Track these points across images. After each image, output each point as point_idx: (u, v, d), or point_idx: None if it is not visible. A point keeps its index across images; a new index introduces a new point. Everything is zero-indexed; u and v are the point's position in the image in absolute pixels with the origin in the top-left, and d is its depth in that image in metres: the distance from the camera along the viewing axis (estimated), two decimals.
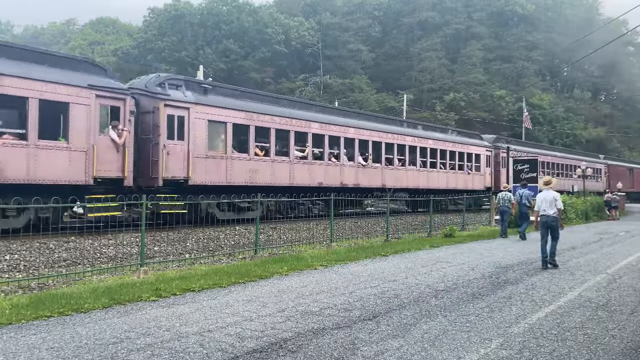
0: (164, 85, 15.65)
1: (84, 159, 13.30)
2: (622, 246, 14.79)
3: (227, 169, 16.92)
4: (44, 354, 4.89)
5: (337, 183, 20.94)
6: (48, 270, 9.46)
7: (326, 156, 20.82)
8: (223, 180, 16.74)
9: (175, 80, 16.38)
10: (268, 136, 18.41)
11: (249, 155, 17.78)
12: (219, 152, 16.82)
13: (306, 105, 22.00)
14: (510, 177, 25.17)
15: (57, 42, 78.41)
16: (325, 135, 20.78)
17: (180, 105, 15.71)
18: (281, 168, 18.68)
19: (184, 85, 16.36)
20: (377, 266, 10.37)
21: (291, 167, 19.10)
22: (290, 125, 19.18)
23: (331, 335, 5.56)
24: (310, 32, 68.17)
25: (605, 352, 5.18)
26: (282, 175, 18.69)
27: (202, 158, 16.17)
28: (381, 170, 23.47)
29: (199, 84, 17.45)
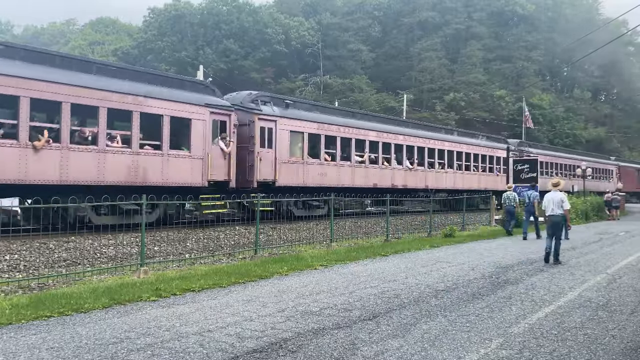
0: (257, 102, 18.34)
1: (201, 165, 15.80)
2: (622, 246, 14.79)
3: (303, 172, 19.48)
4: (44, 354, 4.90)
5: (388, 184, 23.42)
6: (48, 270, 9.46)
7: (380, 160, 23.25)
8: (300, 182, 19.24)
9: (265, 97, 19.21)
10: (335, 143, 20.98)
11: (320, 160, 20.31)
12: (298, 157, 19.38)
13: (364, 116, 24.82)
14: (510, 177, 25.37)
15: (57, 42, 78.46)
16: (380, 142, 23.29)
17: (269, 118, 18.29)
18: (344, 171, 21.27)
19: (271, 101, 19.06)
20: (377, 266, 10.37)
21: (352, 170, 21.62)
22: (352, 134, 21.76)
23: (331, 335, 5.56)
24: (310, 32, 68.14)
25: (605, 352, 5.18)
26: (345, 177, 21.22)
27: (285, 163, 18.71)
28: (424, 172, 25.98)
29: (282, 99, 20.21)
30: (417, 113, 58.38)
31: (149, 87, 14.62)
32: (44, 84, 12.19)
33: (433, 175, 26.38)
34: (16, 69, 11.82)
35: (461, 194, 24.40)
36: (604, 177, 44.71)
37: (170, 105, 14.95)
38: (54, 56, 13.50)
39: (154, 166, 14.43)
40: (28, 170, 11.90)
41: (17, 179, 11.72)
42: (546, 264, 10.98)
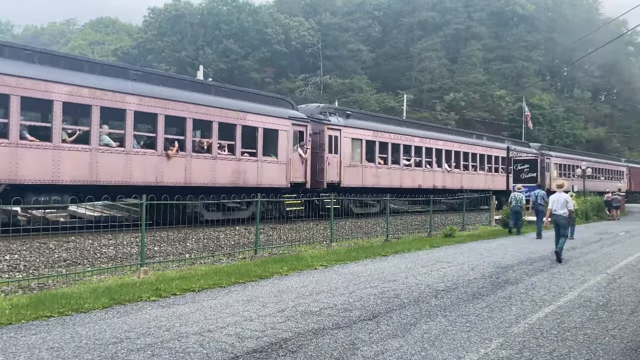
0: (325, 113, 21.25)
1: (285, 169, 18.49)
2: (622, 246, 14.79)
3: (362, 174, 22.17)
4: (44, 354, 4.90)
5: (431, 185, 26.14)
6: (48, 270, 9.46)
7: (424, 163, 26.01)
8: (359, 183, 21.96)
9: (330, 108, 22.29)
10: (387, 149, 23.67)
11: (375, 164, 22.95)
12: (357, 162, 21.99)
13: (409, 123, 27.98)
14: (510, 178, 25.49)
15: (57, 42, 78.47)
16: (423, 147, 26.04)
17: (335, 127, 21.10)
18: (394, 173, 23.98)
19: (336, 112, 22.01)
20: (377, 266, 10.37)
21: (401, 172, 24.34)
22: (400, 140, 24.48)
23: (331, 335, 5.56)
24: (310, 32, 68.15)
25: (605, 352, 5.18)
26: (395, 179, 23.93)
27: (348, 167, 21.43)
28: (460, 174, 28.77)
29: (344, 111, 23.06)
30: (417, 113, 58.39)
31: (247, 104, 17.54)
32: (175, 103, 15.03)
33: (467, 177, 29.16)
34: (156, 92, 14.74)
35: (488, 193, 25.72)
36: (615, 177, 47.83)
37: (263, 119, 17.76)
38: (184, 81, 16.78)
39: (251, 170, 17.33)
40: (164, 174, 14.68)
41: (157, 182, 14.41)
42: (558, 264, 11.13)
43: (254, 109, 17.59)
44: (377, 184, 22.78)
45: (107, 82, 13.65)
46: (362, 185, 22.08)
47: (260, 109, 17.81)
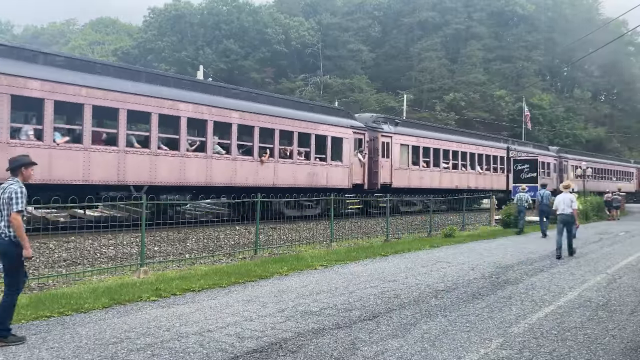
0: (378, 122, 24.22)
1: (348, 172, 21.27)
2: (622, 246, 14.79)
3: (408, 176, 24.94)
4: (44, 354, 4.90)
5: (465, 186, 28.69)
6: (48, 270, 9.46)
7: (460, 166, 28.68)
8: (407, 184, 24.64)
9: (382, 117, 25.45)
10: (429, 153, 26.49)
11: (419, 167, 25.84)
12: (405, 165, 24.81)
13: (445, 129, 31.50)
14: (510, 178, 25.61)
15: (57, 42, 78.45)
16: (459, 152, 28.72)
17: (387, 134, 23.84)
18: (435, 176, 26.73)
19: (387, 121, 25.05)
20: (377, 266, 10.37)
21: (440, 174, 27.19)
22: (440, 145, 27.32)
23: (331, 335, 5.56)
24: (310, 32, 68.15)
25: (605, 352, 5.18)
26: (434, 180, 26.66)
27: (397, 169, 24.16)
28: (490, 176, 31.26)
29: (393, 119, 26.34)
30: (417, 113, 58.39)
31: (318, 116, 20.41)
32: (266, 116, 17.94)
33: (496, 178, 31.44)
34: (253, 108, 17.66)
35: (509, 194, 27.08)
36: (625, 178, 51.05)
37: (331, 129, 20.50)
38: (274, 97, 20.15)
39: (322, 173, 19.97)
40: (258, 177, 17.41)
41: (253, 183, 17.22)
42: (558, 260, 11.63)
43: (324, 120, 20.51)
44: (420, 184, 25.56)
45: (218, 100, 16.50)
46: (408, 185, 24.81)
47: (328, 120, 20.74)
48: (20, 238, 5.17)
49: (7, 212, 5.19)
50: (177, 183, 15.26)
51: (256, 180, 17.26)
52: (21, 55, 12.55)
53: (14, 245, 5.18)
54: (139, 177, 14.26)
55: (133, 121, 15.18)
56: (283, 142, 18.92)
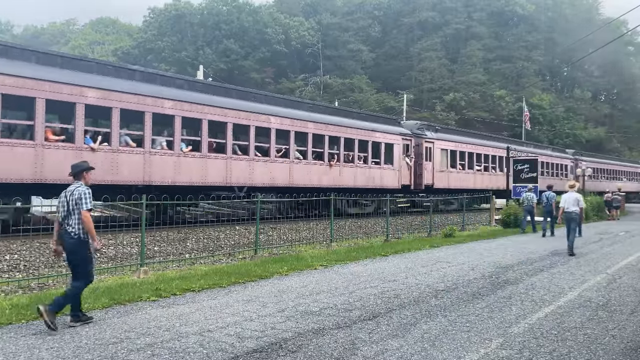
0: (422, 128, 27.21)
1: (398, 174, 24.17)
2: (622, 246, 14.79)
3: (448, 178, 27.76)
4: (44, 354, 4.90)
5: (495, 186, 30.63)
6: (48, 270, 9.46)
7: (490, 168, 31.52)
8: (446, 185, 27.55)
9: (425, 125, 28.47)
10: (465, 157, 29.28)
11: (457, 170, 28.55)
12: (444, 167, 27.62)
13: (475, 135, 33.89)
14: (510, 178, 25.63)
15: (57, 42, 78.44)
16: (489, 155, 31.61)
17: (429, 140, 26.69)
18: (469, 178, 29.60)
19: (429, 128, 28.17)
20: (377, 266, 10.37)
21: (474, 177, 30.07)
22: (473, 149, 30.00)
23: (331, 335, 5.56)
24: (310, 32, 68.12)
25: (605, 352, 5.18)
26: (469, 182, 29.31)
27: (438, 172, 26.97)
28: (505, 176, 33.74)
29: (433, 126, 29.38)
30: (417, 113, 58.38)
31: (374, 124, 23.45)
32: (333, 126, 20.83)
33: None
34: (324, 119, 20.58)
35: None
36: (636, 179, 54.90)
37: (384, 136, 23.49)
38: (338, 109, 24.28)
39: (377, 175, 22.85)
40: (326, 178, 20.40)
41: (322, 184, 19.75)
42: (571, 257, 12.14)
43: (378, 128, 23.44)
44: (458, 186, 28.20)
45: (296, 113, 19.48)
46: (447, 186, 27.47)
47: (381, 128, 23.62)
48: (89, 232, 5.86)
49: (78, 211, 5.84)
50: (268, 184, 18.05)
51: (325, 181, 20.22)
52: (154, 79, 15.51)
53: (82, 243, 5.86)
54: (240, 179, 17.10)
55: (236, 132, 17.39)
56: (346, 148, 21.66)
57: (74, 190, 5.93)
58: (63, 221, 5.91)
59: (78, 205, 5.84)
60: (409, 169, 24.94)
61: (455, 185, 28.04)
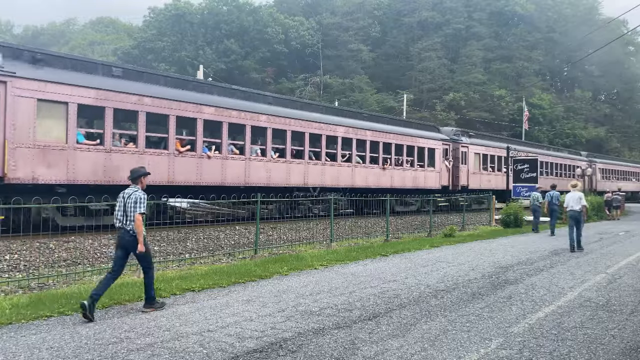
0: (458, 134, 29.68)
1: (438, 176, 27.02)
2: (622, 246, 14.79)
3: (480, 179, 30.54)
4: (44, 354, 4.90)
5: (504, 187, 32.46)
6: (48, 270, 9.46)
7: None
8: (478, 186, 29.90)
9: (459, 131, 30.80)
10: (494, 160, 32.04)
11: (487, 172, 31.45)
12: (477, 170, 30.42)
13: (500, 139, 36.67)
14: (510, 178, 25.74)
15: (57, 42, 78.44)
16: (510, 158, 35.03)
17: (464, 145, 29.46)
18: (498, 179, 31.65)
19: (465, 133, 30.64)
20: (377, 266, 10.37)
21: (502, 177, 30.79)
22: (500, 153, 31.76)
23: (331, 335, 5.56)
24: (310, 32, 68.08)
25: (605, 352, 5.18)
26: (498, 182, 31.36)
27: (472, 174, 29.73)
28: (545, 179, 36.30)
29: (467, 132, 31.57)
30: (417, 113, 58.36)
31: (418, 131, 26.16)
32: (386, 134, 23.67)
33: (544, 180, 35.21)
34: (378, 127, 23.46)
35: None
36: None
37: (427, 141, 26.20)
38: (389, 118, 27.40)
39: (421, 177, 25.64)
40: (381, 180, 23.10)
41: (377, 185, 22.75)
42: (572, 253, 12.86)
43: (422, 134, 26.22)
44: (488, 186, 30.24)
45: (356, 122, 22.35)
46: (479, 187, 29.74)
47: (425, 134, 26.53)
48: (138, 234, 6.38)
49: (132, 213, 6.39)
50: (335, 185, 20.76)
51: (380, 182, 22.91)
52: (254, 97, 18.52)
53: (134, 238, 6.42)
54: (315, 181, 19.77)
55: (312, 140, 19.98)
56: (396, 153, 24.25)
57: (132, 194, 6.47)
58: (121, 220, 6.45)
59: (134, 208, 6.39)
60: (447, 171, 27.86)
61: (486, 186, 30.14)
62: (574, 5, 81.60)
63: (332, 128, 20.61)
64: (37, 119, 12.27)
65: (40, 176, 12.25)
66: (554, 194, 18.43)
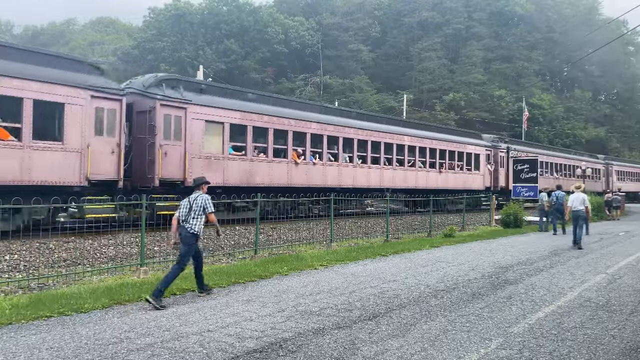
0: (497, 141, 33.38)
1: (482, 179, 29.88)
2: (622, 246, 14.79)
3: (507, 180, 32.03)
4: (44, 354, 4.90)
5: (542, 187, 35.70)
6: (48, 270, 9.46)
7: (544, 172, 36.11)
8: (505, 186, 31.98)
9: (498, 137, 35.00)
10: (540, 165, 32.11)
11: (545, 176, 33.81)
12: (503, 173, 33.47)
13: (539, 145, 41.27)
14: (509, 176, 25.91)
15: (57, 42, 78.39)
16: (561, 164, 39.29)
17: (503, 150, 32.57)
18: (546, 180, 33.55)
19: (502, 139, 34.51)
20: (377, 266, 10.37)
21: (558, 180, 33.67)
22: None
23: (331, 335, 5.56)
24: (310, 32, 68.06)
25: (605, 352, 5.18)
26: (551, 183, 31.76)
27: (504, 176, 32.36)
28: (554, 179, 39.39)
29: (503, 138, 35.31)
30: (417, 113, 58.34)
31: (465, 139, 29.21)
32: (441, 141, 26.70)
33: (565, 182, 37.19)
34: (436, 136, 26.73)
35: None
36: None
37: (474, 148, 29.40)
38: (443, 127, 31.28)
39: (468, 179, 28.57)
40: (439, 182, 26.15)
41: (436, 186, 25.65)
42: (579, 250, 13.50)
43: (471, 142, 29.46)
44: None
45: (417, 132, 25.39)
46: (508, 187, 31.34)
47: (472, 142, 29.60)
48: (216, 225, 7.66)
49: (200, 214, 7.34)
50: (404, 186, 23.80)
51: (438, 184, 25.98)
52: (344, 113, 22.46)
53: (193, 236, 7.29)
54: (388, 183, 22.80)
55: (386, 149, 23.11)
56: (449, 157, 27.19)
57: (197, 198, 7.44)
58: (183, 220, 7.32)
59: (201, 209, 7.35)
60: (490, 174, 31.01)
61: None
62: (574, 5, 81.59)
63: (399, 138, 23.97)
64: (204, 135, 15.71)
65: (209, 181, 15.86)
66: (558, 194, 18.72)
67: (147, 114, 14.39)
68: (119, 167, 13.29)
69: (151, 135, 14.26)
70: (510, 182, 29.25)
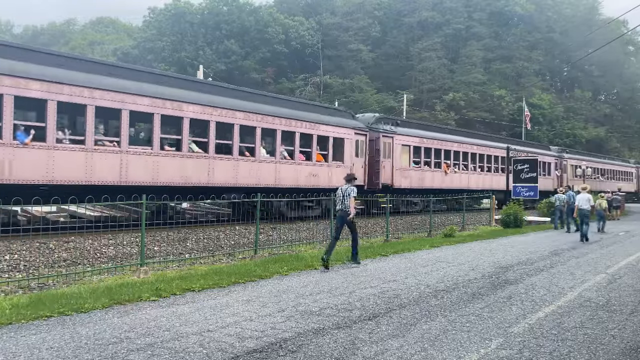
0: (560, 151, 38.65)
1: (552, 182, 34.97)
2: (622, 246, 14.79)
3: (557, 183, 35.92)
4: (44, 354, 4.89)
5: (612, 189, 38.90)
6: (48, 270, 9.46)
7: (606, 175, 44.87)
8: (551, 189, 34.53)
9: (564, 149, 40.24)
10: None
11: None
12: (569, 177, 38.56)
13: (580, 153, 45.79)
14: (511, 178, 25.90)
15: (57, 42, 78.42)
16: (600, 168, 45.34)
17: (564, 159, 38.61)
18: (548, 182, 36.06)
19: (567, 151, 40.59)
20: (377, 266, 10.37)
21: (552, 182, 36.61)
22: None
23: (331, 335, 5.56)
24: (310, 32, 68.07)
25: (605, 352, 5.18)
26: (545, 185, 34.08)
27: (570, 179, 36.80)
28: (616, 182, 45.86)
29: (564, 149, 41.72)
30: (417, 113, 58.34)
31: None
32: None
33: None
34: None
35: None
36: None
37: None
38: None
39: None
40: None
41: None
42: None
43: (492, 145, 31.66)
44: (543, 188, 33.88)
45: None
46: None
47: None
48: (351, 209, 10.39)
49: (348, 199, 10.38)
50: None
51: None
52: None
53: (347, 214, 10.37)
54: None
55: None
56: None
57: (347, 188, 10.53)
58: (342, 203, 10.44)
59: (349, 195, 10.39)
60: (557, 178, 35.84)
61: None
62: (574, 5, 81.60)
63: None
64: (400, 154, 23.43)
65: (401, 184, 23.68)
66: (572, 195, 19.72)
67: (374, 142, 22.42)
68: (365, 176, 21.54)
69: (377, 156, 22.47)
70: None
